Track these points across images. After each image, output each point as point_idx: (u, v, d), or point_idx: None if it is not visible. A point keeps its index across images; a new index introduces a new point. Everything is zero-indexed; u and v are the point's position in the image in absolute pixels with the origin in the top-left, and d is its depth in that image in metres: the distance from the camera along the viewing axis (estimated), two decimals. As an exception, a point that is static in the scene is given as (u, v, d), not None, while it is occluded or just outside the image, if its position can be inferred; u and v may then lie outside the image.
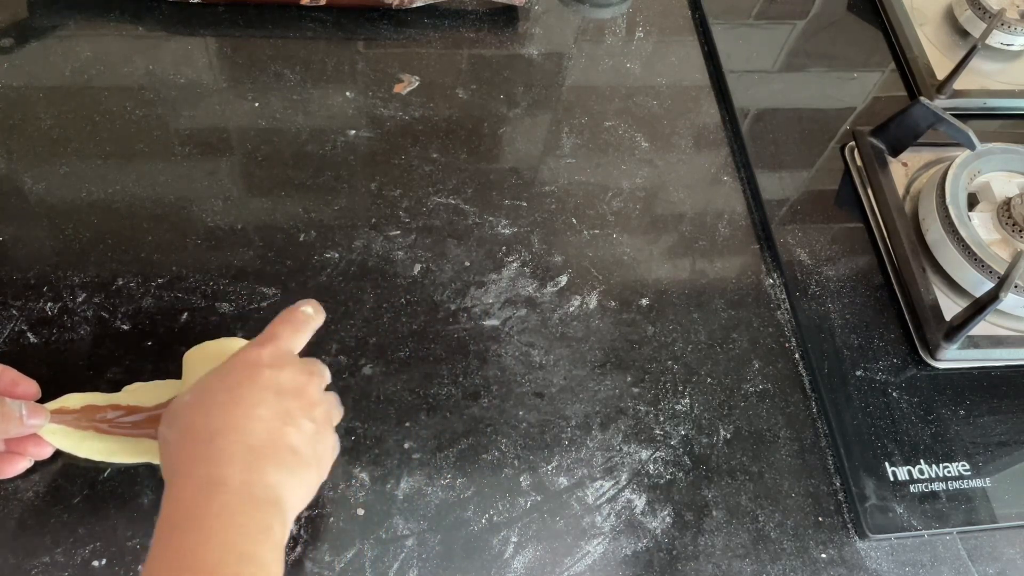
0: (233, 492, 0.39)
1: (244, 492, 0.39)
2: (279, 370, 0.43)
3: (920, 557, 0.54)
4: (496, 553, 0.50)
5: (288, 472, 0.41)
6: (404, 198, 0.63)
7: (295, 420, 0.42)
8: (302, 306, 0.48)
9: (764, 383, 0.59)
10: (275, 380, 0.43)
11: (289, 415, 0.42)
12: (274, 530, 0.39)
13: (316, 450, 0.43)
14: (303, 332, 0.47)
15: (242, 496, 0.39)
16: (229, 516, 0.38)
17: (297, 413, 0.43)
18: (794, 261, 0.65)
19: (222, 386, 0.42)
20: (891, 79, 0.78)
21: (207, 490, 0.39)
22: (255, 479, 0.40)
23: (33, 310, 0.54)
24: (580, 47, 0.76)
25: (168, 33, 0.69)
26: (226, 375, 0.43)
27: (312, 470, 0.43)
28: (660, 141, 0.70)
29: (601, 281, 0.62)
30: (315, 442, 0.43)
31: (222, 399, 0.42)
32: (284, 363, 0.44)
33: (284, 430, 0.42)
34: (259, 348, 0.44)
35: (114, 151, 0.62)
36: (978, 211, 0.66)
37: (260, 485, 0.40)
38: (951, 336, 0.60)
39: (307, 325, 0.47)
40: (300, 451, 0.42)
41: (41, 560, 0.46)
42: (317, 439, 0.44)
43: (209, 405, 0.42)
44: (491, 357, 0.57)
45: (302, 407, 0.43)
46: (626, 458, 0.55)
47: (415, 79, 0.70)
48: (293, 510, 0.42)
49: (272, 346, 0.44)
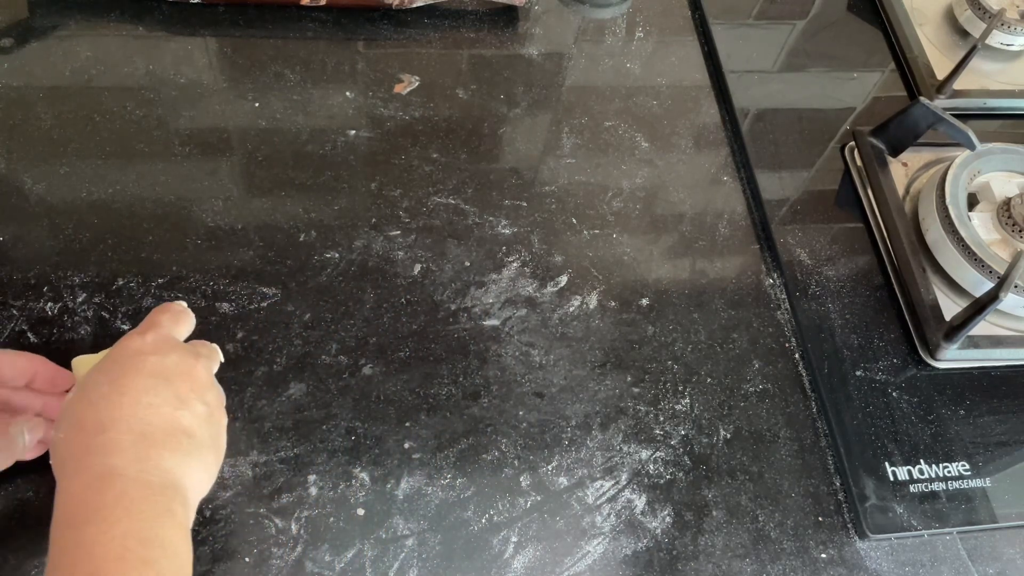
0: (129, 480, 0.38)
1: (140, 479, 0.38)
2: (164, 355, 0.42)
3: (920, 557, 0.54)
4: (496, 553, 0.50)
5: (184, 455, 0.40)
6: (404, 198, 0.63)
7: (187, 403, 0.42)
8: (176, 302, 0.48)
9: (764, 383, 0.59)
10: (161, 365, 0.42)
11: (180, 399, 0.41)
12: (176, 513, 0.38)
13: (211, 431, 0.43)
14: (183, 323, 0.46)
15: (138, 483, 0.38)
16: (127, 504, 0.37)
17: (189, 396, 0.42)
18: (794, 261, 0.65)
19: (107, 379, 0.41)
20: (891, 79, 0.78)
21: (101, 481, 0.38)
22: (150, 466, 0.39)
23: (33, 310, 0.54)
24: (580, 47, 0.76)
25: (168, 33, 0.69)
26: (110, 367, 0.42)
27: (209, 451, 0.42)
28: (660, 141, 0.70)
29: (601, 281, 0.62)
30: (209, 424, 0.42)
31: (107, 391, 0.40)
32: (169, 348, 0.43)
33: (176, 414, 0.41)
34: (140, 336, 0.43)
35: (114, 151, 0.62)
36: (978, 211, 0.66)
37: (156, 471, 0.39)
38: (951, 336, 0.60)
39: (185, 315, 0.47)
40: (195, 433, 0.41)
41: (41, 560, 0.46)
42: (211, 421, 0.43)
43: (95, 399, 0.40)
44: (491, 357, 0.57)
45: (193, 389, 0.42)
46: (626, 458, 0.55)
47: (415, 79, 0.70)
48: (196, 493, 0.41)
49: (153, 333, 0.43)
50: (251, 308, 0.57)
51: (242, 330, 0.55)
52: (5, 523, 0.47)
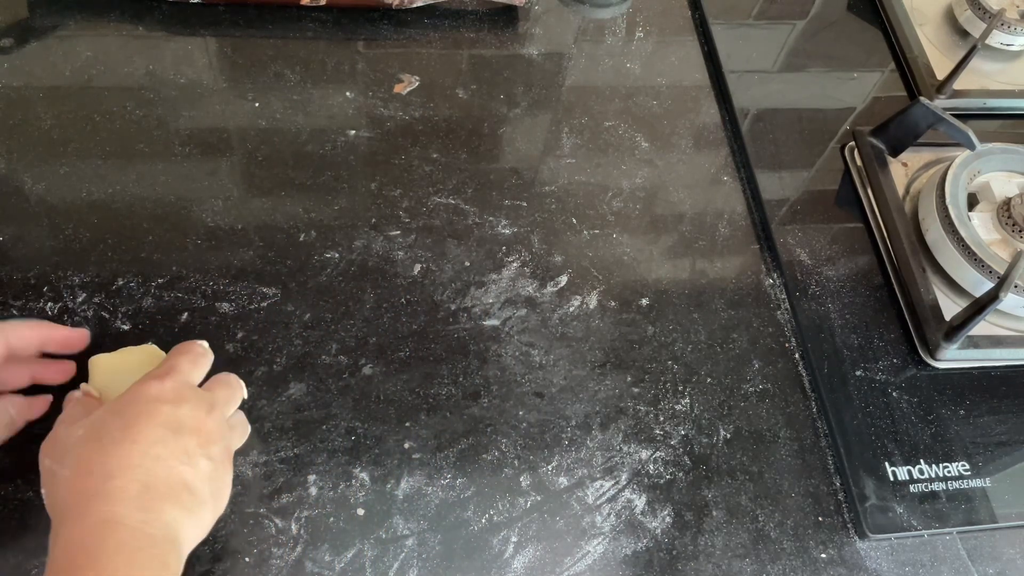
0: (130, 531, 0.38)
1: (141, 531, 0.39)
2: (178, 406, 0.43)
3: (920, 557, 0.54)
4: (496, 553, 0.50)
5: (184, 511, 0.41)
6: (404, 198, 0.63)
7: (192, 459, 0.42)
8: (197, 342, 0.48)
9: (764, 383, 0.59)
10: (174, 416, 0.42)
11: (187, 453, 0.42)
12: (170, 566, 0.39)
13: (212, 488, 0.43)
14: (200, 365, 0.47)
15: (139, 534, 0.39)
16: (128, 555, 0.38)
17: (195, 451, 0.42)
18: (794, 261, 0.65)
19: (120, 423, 0.42)
20: (891, 79, 0.78)
21: (103, 529, 0.38)
22: (152, 518, 0.39)
23: (33, 310, 0.54)
24: (580, 47, 0.76)
25: (168, 33, 0.69)
26: (123, 409, 0.42)
27: (208, 508, 0.43)
28: (660, 141, 0.70)
29: (601, 281, 0.62)
30: (212, 480, 0.43)
31: (119, 436, 0.41)
32: (184, 398, 0.43)
33: (181, 469, 0.41)
34: (160, 382, 0.43)
35: (114, 151, 0.62)
36: (978, 211, 0.66)
37: (157, 523, 0.40)
38: (951, 336, 0.60)
39: (204, 358, 0.47)
40: (197, 490, 0.42)
41: (41, 560, 0.46)
42: (214, 477, 0.43)
43: (106, 443, 0.41)
44: (491, 357, 0.57)
45: (200, 444, 0.43)
46: (626, 458, 0.55)
47: (415, 79, 0.70)
48: (189, 545, 0.42)
49: (172, 379, 0.44)
50: (251, 308, 0.57)
51: (242, 330, 0.55)
52: (5, 523, 0.47)
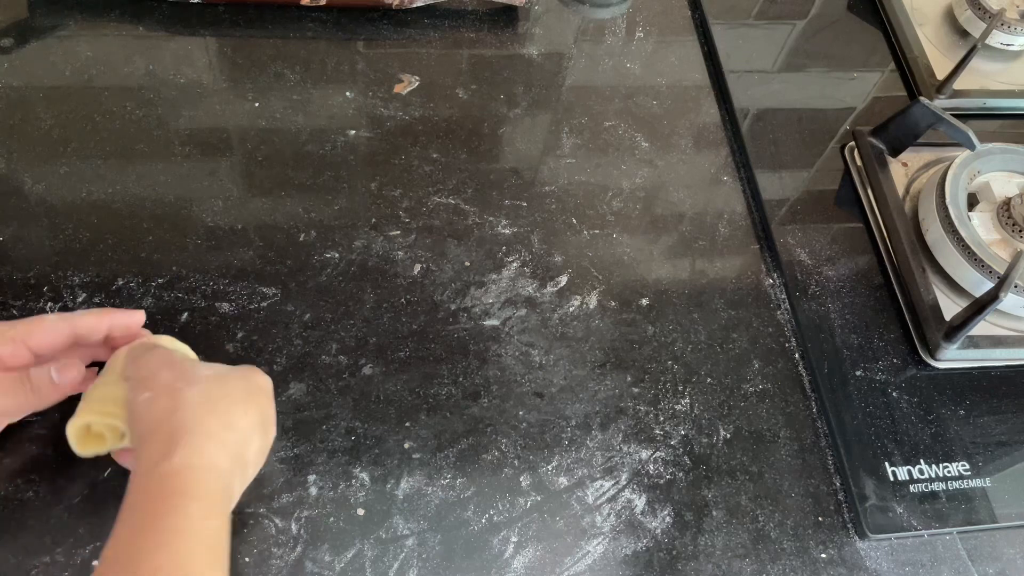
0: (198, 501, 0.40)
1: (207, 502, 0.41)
2: (270, 405, 0.48)
3: (920, 557, 0.54)
4: (496, 553, 0.50)
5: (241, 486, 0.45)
6: (404, 198, 0.63)
7: (262, 457, 0.47)
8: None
9: (764, 383, 0.59)
10: (266, 414, 0.47)
11: (262, 452, 0.47)
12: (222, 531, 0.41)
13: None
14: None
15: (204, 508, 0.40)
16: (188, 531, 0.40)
17: (265, 451, 0.47)
18: (794, 261, 0.65)
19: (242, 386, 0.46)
20: (891, 79, 0.78)
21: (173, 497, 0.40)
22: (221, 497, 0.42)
23: (33, 310, 0.54)
24: (580, 47, 0.76)
25: (168, 33, 0.69)
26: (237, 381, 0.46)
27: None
28: (660, 141, 0.70)
29: (601, 281, 0.62)
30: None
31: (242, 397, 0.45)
32: (271, 402, 0.48)
33: (255, 460, 0.46)
34: (267, 378, 0.48)
35: (114, 151, 0.62)
36: (978, 211, 0.66)
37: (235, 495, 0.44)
38: (951, 336, 0.60)
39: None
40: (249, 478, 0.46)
41: (41, 560, 0.46)
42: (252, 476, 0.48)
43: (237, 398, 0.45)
44: (491, 357, 0.57)
45: (265, 448, 0.47)
46: (626, 458, 0.55)
47: (415, 79, 0.70)
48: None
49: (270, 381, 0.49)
50: (251, 308, 0.57)
51: (242, 330, 0.55)
52: (5, 523, 0.47)
